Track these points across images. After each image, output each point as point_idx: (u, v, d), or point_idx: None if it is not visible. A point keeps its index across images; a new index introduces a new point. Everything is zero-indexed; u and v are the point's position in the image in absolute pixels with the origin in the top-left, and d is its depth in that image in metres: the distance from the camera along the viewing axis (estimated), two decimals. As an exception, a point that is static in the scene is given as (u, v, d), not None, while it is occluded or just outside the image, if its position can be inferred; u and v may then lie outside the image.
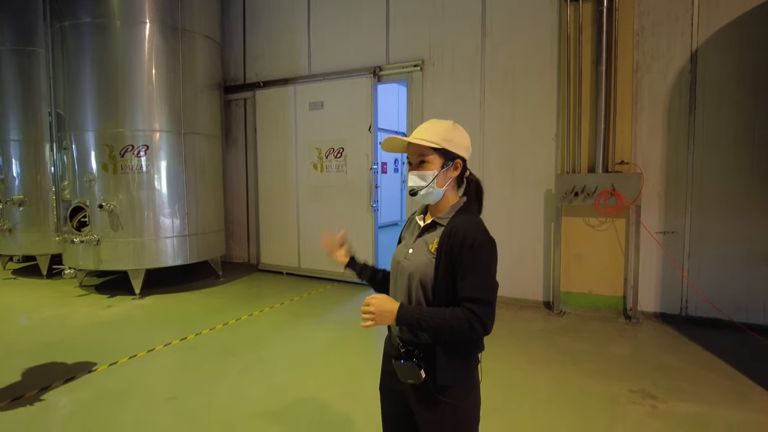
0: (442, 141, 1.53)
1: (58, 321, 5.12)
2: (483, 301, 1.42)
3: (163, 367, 3.93)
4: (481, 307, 1.41)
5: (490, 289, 1.45)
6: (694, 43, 4.77)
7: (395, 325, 1.48)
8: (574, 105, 5.22)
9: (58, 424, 3.02)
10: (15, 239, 7.00)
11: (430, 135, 1.54)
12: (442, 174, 1.55)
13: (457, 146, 1.56)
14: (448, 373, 1.48)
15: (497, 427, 2.92)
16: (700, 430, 2.89)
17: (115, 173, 5.88)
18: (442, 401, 1.50)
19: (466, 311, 1.42)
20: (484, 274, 1.45)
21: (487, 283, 1.45)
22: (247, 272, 7.50)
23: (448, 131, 1.55)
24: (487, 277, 1.45)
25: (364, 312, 1.45)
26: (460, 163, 1.58)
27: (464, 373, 1.52)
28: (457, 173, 1.58)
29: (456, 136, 1.56)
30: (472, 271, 1.44)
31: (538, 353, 4.17)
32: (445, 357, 1.48)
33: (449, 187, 1.58)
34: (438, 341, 1.49)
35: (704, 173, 4.82)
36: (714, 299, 4.78)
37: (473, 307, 1.41)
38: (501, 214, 5.71)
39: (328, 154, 6.82)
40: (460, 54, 5.89)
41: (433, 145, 1.53)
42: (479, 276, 1.44)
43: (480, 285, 1.44)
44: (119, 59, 5.82)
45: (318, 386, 3.54)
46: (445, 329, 1.42)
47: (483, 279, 1.44)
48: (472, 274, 1.44)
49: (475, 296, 1.42)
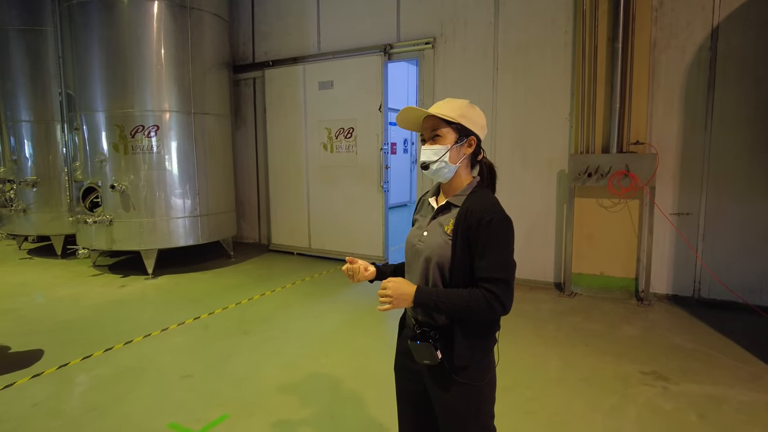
0: (458, 116, 1.51)
1: (73, 300, 5.21)
2: (501, 281, 1.41)
3: (178, 345, 3.99)
4: (499, 286, 1.40)
5: (508, 268, 1.44)
6: (716, 18, 4.62)
7: (413, 307, 1.47)
8: (588, 83, 5.11)
9: (76, 400, 3.10)
10: (29, 220, 7.09)
11: (447, 109, 1.52)
12: (455, 149, 1.53)
13: (473, 123, 1.54)
14: (466, 354, 1.48)
15: (508, 407, 2.94)
16: (712, 412, 2.89)
17: (126, 154, 5.89)
18: (457, 382, 1.50)
19: (484, 291, 1.41)
20: (501, 253, 1.43)
21: (505, 262, 1.44)
22: (258, 252, 7.55)
23: (464, 108, 1.53)
24: (505, 256, 1.44)
25: (381, 296, 1.44)
26: (474, 140, 1.55)
27: (481, 353, 1.51)
28: (470, 150, 1.56)
29: (472, 114, 1.54)
30: (490, 250, 1.42)
31: (549, 334, 4.18)
32: (463, 337, 1.48)
33: (462, 165, 1.56)
34: (456, 321, 1.49)
35: (721, 153, 4.72)
36: (728, 281, 4.74)
37: (491, 287, 1.40)
38: (512, 194, 5.66)
39: (338, 134, 6.77)
40: (473, 30, 5.76)
41: (449, 119, 1.51)
42: (497, 255, 1.42)
43: (498, 264, 1.42)
44: (127, 38, 5.77)
45: (330, 364, 3.58)
46: (463, 310, 1.42)
47: (501, 258, 1.43)
48: (490, 254, 1.42)
49: (493, 276, 1.41)
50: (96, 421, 2.83)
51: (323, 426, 2.77)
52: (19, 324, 4.46)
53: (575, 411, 2.92)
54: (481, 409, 1.54)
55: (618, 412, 2.90)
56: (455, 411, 1.52)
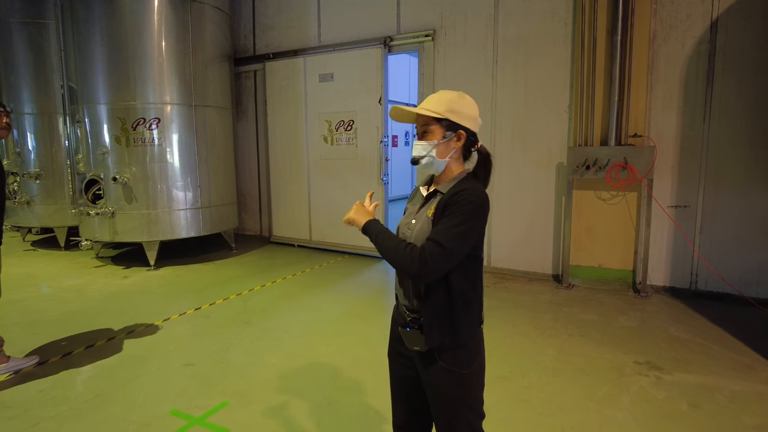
0: (445, 111, 1.54)
1: (77, 290, 5.28)
2: (438, 243, 1.42)
3: (180, 335, 4.06)
4: (432, 246, 1.42)
5: (454, 237, 1.43)
6: (716, 10, 4.62)
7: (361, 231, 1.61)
8: (588, 76, 5.12)
9: (81, 387, 3.16)
10: (33, 212, 7.16)
11: (434, 105, 1.55)
12: (444, 144, 1.56)
13: (462, 117, 1.55)
14: (436, 334, 1.52)
15: (503, 396, 3.00)
16: (704, 401, 2.93)
17: (128, 146, 5.94)
18: (444, 368, 1.54)
19: (420, 247, 1.45)
20: (455, 224, 1.44)
21: (453, 232, 1.43)
22: (259, 244, 7.61)
23: (453, 102, 1.55)
24: (457, 228, 1.44)
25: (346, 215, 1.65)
26: (463, 134, 1.57)
27: (452, 338, 1.53)
28: (460, 144, 1.58)
29: (461, 107, 1.56)
30: (446, 219, 1.46)
31: (546, 324, 4.22)
32: (429, 322, 1.52)
33: (453, 158, 1.59)
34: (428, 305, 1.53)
35: (719, 146, 4.74)
36: (725, 274, 4.77)
37: (426, 244, 1.44)
38: (511, 187, 5.70)
39: (339, 126, 6.80)
40: (473, 23, 5.76)
41: (436, 115, 1.54)
42: (448, 223, 1.44)
43: (444, 230, 1.44)
44: (128, 30, 5.80)
45: (330, 353, 3.64)
46: (391, 252, 1.48)
47: (451, 227, 1.44)
48: (444, 222, 1.46)
49: (433, 237, 1.44)
50: (100, 407, 2.90)
51: (322, 413, 2.84)
52: (25, 314, 4.54)
53: (569, 399, 2.97)
54: (470, 394, 1.58)
55: (611, 400, 2.95)
56: (445, 396, 1.57)
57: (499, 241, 5.90)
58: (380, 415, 2.78)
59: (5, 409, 2.88)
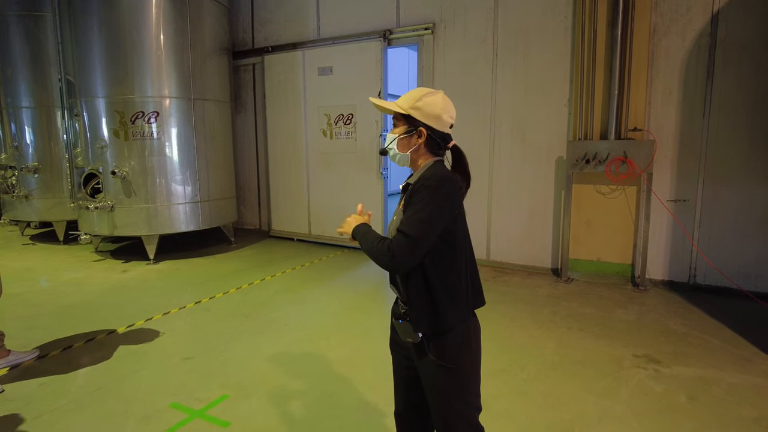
0: (409, 108, 1.58)
1: (76, 284, 5.28)
2: (404, 234, 1.45)
3: (179, 329, 4.07)
4: (398, 237, 1.46)
5: (417, 223, 1.45)
6: (716, 4, 4.60)
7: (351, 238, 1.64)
8: (588, 69, 5.10)
9: (81, 380, 3.17)
10: (32, 206, 7.14)
11: (402, 101, 1.61)
12: (405, 139, 1.62)
13: (424, 115, 1.58)
14: (421, 324, 1.55)
15: (502, 388, 3.01)
16: (702, 393, 2.95)
17: (126, 140, 5.92)
18: (435, 361, 1.56)
19: (389, 240, 1.49)
20: (416, 210, 1.47)
21: (415, 219, 1.46)
22: (258, 238, 7.61)
23: (420, 100, 1.58)
24: (418, 215, 1.46)
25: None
26: (424, 132, 1.59)
27: (437, 323, 1.54)
28: (421, 141, 1.60)
29: (424, 105, 1.58)
30: (410, 209, 1.49)
31: (545, 318, 4.24)
32: (414, 311, 1.55)
33: (417, 153, 1.62)
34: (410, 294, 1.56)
35: (719, 140, 4.73)
36: (724, 268, 4.78)
37: (395, 236, 1.48)
38: (511, 180, 5.70)
39: (338, 120, 6.78)
40: (473, 16, 5.74)
41: (399, 111, 1.60)
42: (412, 213, 1.48)
43: (408, 220, 1.48)
44: (126, 23, 5.76)
45: (329, 346, 3.65)
46: (371, 249, 1.51)
47: (412, 214, 1.47)
48: (408, 212, 1.49)
49: (399, 228, 1.48)
50: (101, 400, 2.91)
51: (321, 405, 2.85)
52: (24, 308, 4.54)
53: (568, 392, 2.98)
54: (463, 387, 1.59)
55: (610, 393, 2.96)
56: (438, 388, 1.59)
57: (498, 235, 5.90)
58: (380, 408, 2.79)
59: (7, 402, 2.89)
